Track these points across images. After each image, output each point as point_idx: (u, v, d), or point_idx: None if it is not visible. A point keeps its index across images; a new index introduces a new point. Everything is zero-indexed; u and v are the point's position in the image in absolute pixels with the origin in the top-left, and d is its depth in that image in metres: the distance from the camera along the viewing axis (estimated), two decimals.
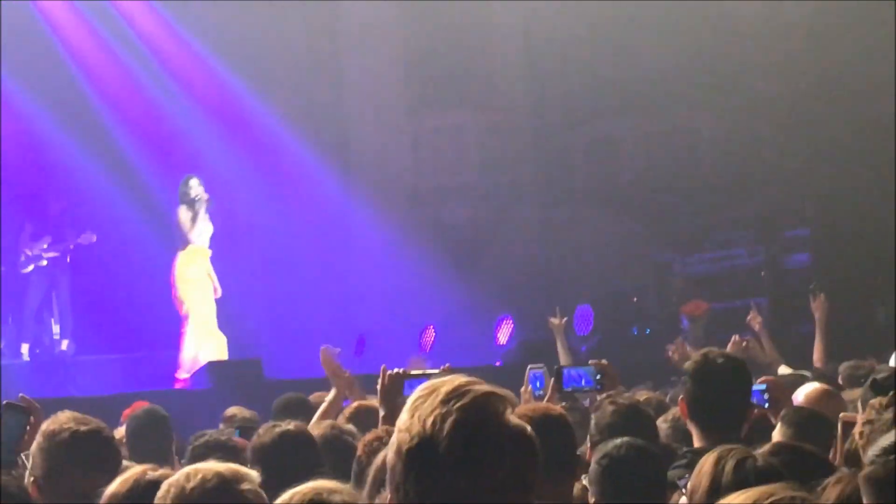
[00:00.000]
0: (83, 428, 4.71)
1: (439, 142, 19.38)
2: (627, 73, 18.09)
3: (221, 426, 8.40)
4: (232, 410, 8.96)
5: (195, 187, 15.02)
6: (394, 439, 2.61)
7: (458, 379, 2.62)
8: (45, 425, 4.78)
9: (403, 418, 2.60)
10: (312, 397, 8.53)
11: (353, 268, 18.12)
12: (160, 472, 3.77)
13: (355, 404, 7.36)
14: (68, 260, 16.39)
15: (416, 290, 17.54)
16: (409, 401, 2.62)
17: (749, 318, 11.35)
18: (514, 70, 19.23)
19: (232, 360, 14.64)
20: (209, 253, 15.14)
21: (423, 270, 17.64)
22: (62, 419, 4.77)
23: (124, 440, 6.91)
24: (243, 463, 4.58)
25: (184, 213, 14.98)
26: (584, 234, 18.45)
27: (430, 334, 17.24)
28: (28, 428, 4.98)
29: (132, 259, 17.15)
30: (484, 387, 2.61)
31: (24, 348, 15.95)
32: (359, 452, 5.19)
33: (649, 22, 17.82)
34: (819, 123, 17.12)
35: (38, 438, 4.74)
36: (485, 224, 19.15)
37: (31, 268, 16.25)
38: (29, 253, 16.30)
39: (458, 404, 2.55)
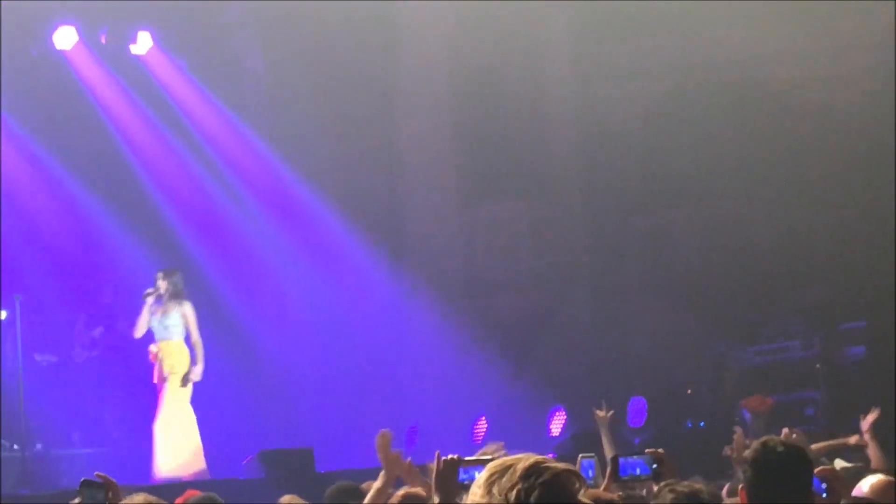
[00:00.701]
0: None
1: (492, 232, 19.38)
2: (680, 163, 18.08)
3: None
4: (286, 499, 8.89)
5: (156, 281, 14.67)
6: None
7: (533, 457, 2.72)
8: None
9: (478, 493, 2.67)
10: (365, 486, 8.47)
11: (405, 358, 18.07)
12: None
13: (402, 491, 7.31)
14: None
15: (468, 381, 17.46)
16: (482, 478, 2.70)
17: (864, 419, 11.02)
18: (566, 160, 19.26)
19: (284, 448, 14.57)
20: (155, 349, 14.59)
21: (474, 361, 17.59)
22: (138, 501, 4.80)
23: None
24: None
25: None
26: (638, 325, 18.34)
27: (483, 425, 17.14)
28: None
29: None
30: (560, 464, 2.71)
31: (76, 437, 15.99)
32: None
33: (703, 111, 17.84)
34: (874, 214, 17.01)
35: None
36: (537, 315, 19.08)
37: (83, 357, 16.37)
38: (82, 342, 16.41)
39: (540, 479, 2.64)
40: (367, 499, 7.22)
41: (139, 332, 14.52)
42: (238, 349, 17.09)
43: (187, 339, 14.65)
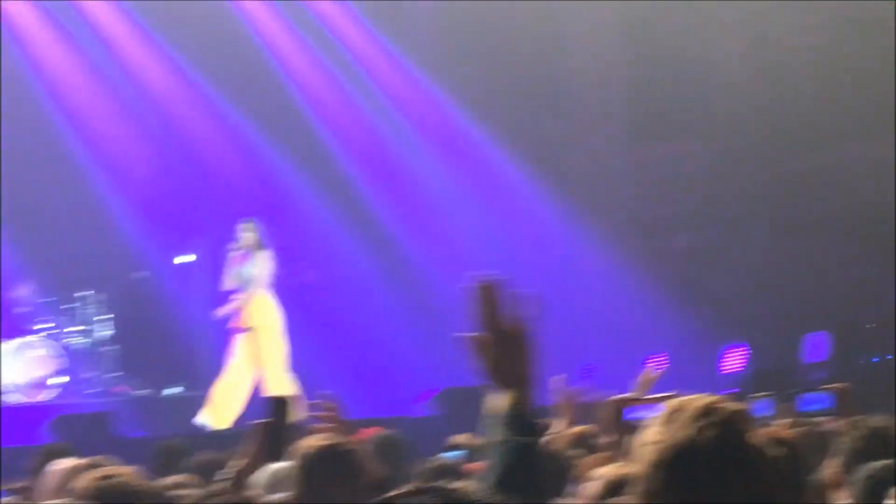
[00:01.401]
0: (325, 443, 4.85)
1: (663, 170, 19.14)
2: (860, 95, 17.63)
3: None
4: (459, 439, 8.91)
5: (240, 233, 14.61)
6: (647, 452, 2.68)
7: (705, 397, 2.72)
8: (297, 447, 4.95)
9: (650, 434, 2.69)
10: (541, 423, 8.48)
11: (579, 296, 17.96)
12: None
13: (572, 431, 7.37)
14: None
15: (643, 318, 17.32)
16: (654, 418, 2.73)
17: None
18: (738, 96, 18.89)
19: (464, 386, 14.60)
20: (237, 299, 14.54)
21: (650, 298, 17.43)
22: (311, 440, 4.97)
23: None
24: None
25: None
26: (815, 260, 17.98)
27: (658, 363, 16.98)
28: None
29: (350, 292, 17.37)
30: (732, 404, 2.71)
31: None
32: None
33: (881, 43, 17.34)
34: None
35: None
36: (712, 251, 18.83)
37: None
38: None
39: (716, 418, 2.65)
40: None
41: (226, 285, 14.48)
42: (410, 289, 17.20)
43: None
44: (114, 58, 17.34)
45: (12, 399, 14.66)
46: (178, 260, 15.96)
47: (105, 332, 16.05)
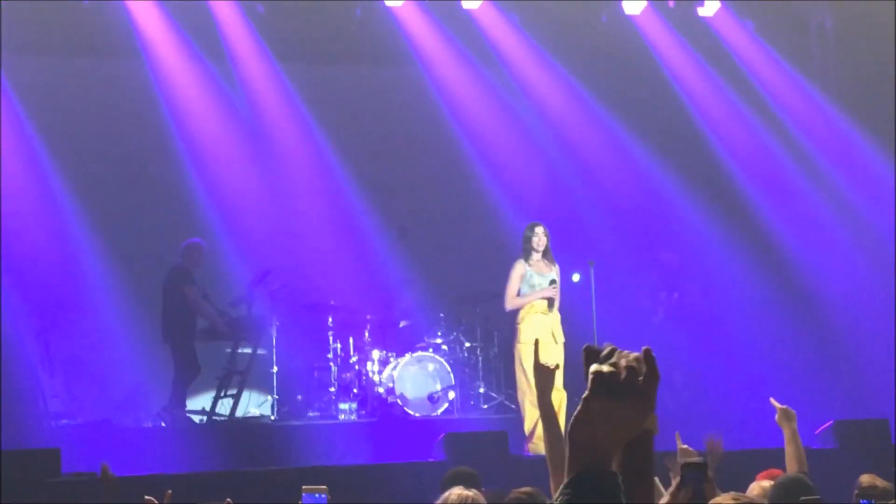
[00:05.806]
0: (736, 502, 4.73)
1: None
2: None
3: (856, 493, 8.11)
4: (867, 480, 8.55)
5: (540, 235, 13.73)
6: None
7: None
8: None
9: None
10: None
11: None
12: None
13: None
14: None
15: None
16: None
17: None
18: None
19: (860, 419, 14.09)
20: (544, 309, 13.56)
21: None
22: (721, 498, 4.85)
23: None
24: None
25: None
26: None
27: None
28: None
29: (739, 314, 16.99)
30: None
31: None
32: None
33: None
34: None
35: None
36: None
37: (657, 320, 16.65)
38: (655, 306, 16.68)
39: None
40: None
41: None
42: (809, 318, 16.69)
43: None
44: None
45: (409, 412, 14.98)
46: (574, 278, 15.94)
47: (493, 348, 16.21)
